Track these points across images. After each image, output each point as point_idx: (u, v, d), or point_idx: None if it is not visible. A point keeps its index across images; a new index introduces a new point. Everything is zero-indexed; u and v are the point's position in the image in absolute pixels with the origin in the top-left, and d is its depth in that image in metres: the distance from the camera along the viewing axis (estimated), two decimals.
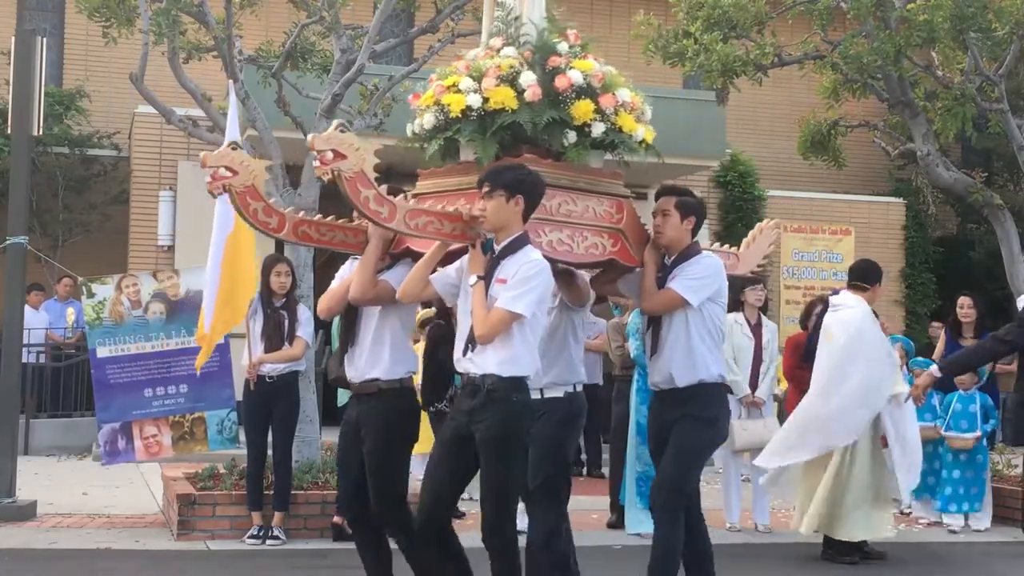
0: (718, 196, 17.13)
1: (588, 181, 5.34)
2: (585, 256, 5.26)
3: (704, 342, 5.42)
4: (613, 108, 5.25)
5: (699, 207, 5.70)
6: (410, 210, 4.88)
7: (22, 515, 8.53)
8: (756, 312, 8.92)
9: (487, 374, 4.82)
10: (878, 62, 11.83)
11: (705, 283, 5.42)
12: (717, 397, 5.53)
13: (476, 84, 5.13)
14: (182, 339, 8.50)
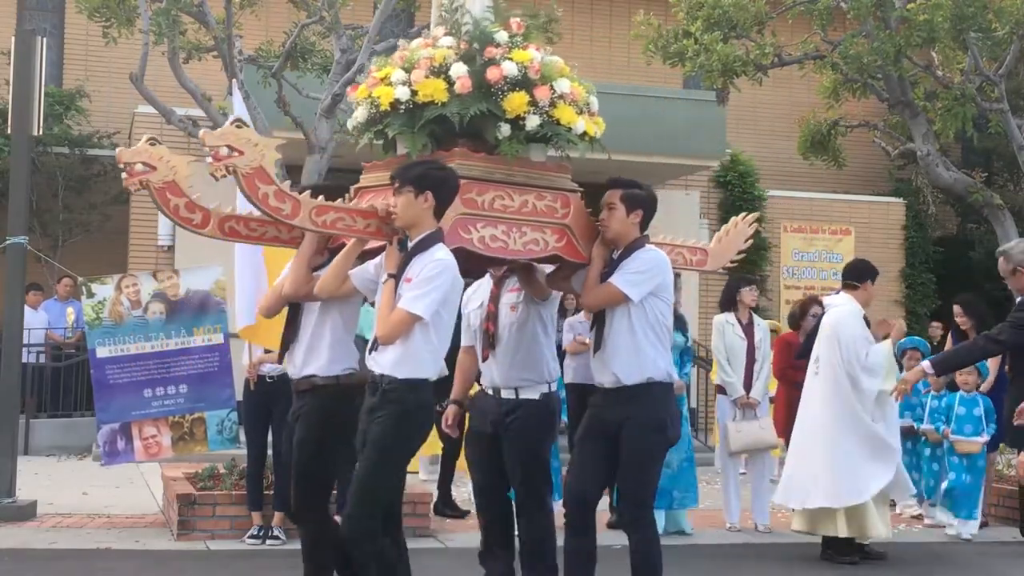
0: (718, 196, 17.12)
1: (527, 175, 5.18)
2: (523, 252, 5.13)
3: (648, 339, 5.24)
4: (549, 100, 5.07)
5: (646, 200, 5.53)
6: (317, 206, 4.76)
7: (22, 515, 8.52)
8: (748, 311, 8.94)
9: (384, 374, 4.75)
10: (878, 62, 11.85)
11: (646, 277, 5.25)
12: (664, 396, 5.30)
13: (407, 76, 5.03)
14: (182, 339, 8.49)
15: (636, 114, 14.80)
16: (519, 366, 5.47)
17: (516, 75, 4.99)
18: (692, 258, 5.83)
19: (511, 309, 5.55)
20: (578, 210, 5.34)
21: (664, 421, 5.26)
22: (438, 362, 4.83)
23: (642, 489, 5.26)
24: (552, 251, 5.21)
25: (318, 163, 9.38)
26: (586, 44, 18.04)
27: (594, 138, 5.39)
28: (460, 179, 4.91)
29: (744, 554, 8.04)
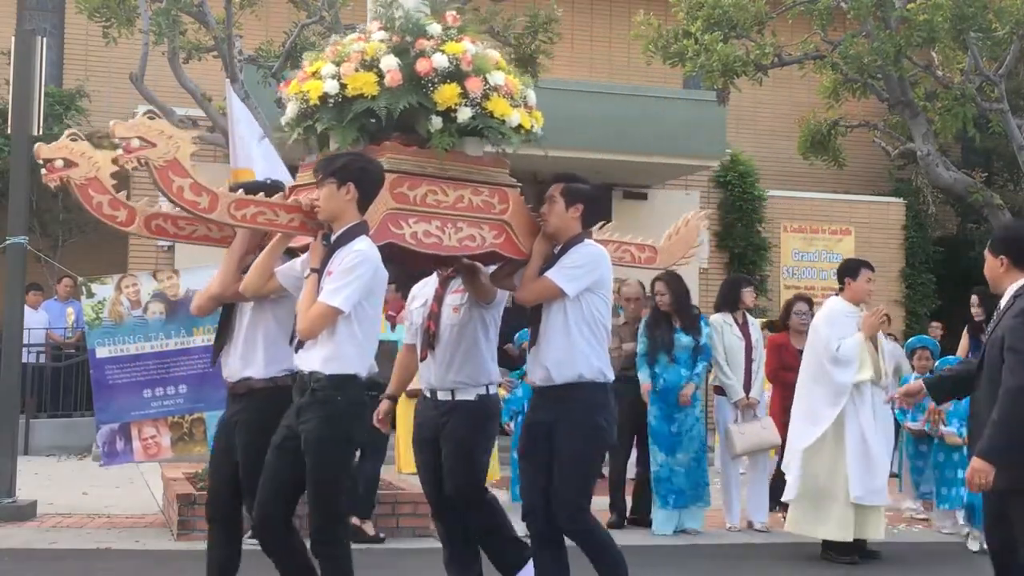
0: (718, 196, 17.12)
1: (462, 170, 5.07)
2: (459, 248, 5.02)
3: (584, 335, 5.09)
4: (482, 92, 4.93)
5: (587, 194, 5.30)
6: (236, 200, 4.64)
7: (22, 515, 8.52)
8: (742, 312, 8.94)
9: (313, 371, 4.61)
10: (878, 62, 11.85)
11: (583, 272, 5.10)
12: (597, 396, 5.12)
13: (337, 70, 4.94)
14: (181, 339, 8.49)
15: (636, 114, 14.81)
16: (456, 368, 5.38)
17: (447, 67, 4.89)
18: (640, 255, 5.68)
19: (453, 310, 5.47)
20: (517, 205, 5.22)
21: (598, 422, 5.10)
22: (366, 357, 4.69)
23: (577, 493, 5.08)
24: (490, 247, 5.09)
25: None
26: (586, 44, 18.04)
27: (531, 131, 5.20)
28: (391, 173, 4.81)
29: (744, 554, 8.04)
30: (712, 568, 7.64)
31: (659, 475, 8.52)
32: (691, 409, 8.50)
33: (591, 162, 15.00)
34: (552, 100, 14.21)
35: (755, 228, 16.99)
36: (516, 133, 5.10)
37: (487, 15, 10.77)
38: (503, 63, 5.17)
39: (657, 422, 8.54)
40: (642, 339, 8.60)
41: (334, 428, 4.58)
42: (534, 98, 5.26)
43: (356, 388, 4.64)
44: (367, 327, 4.66)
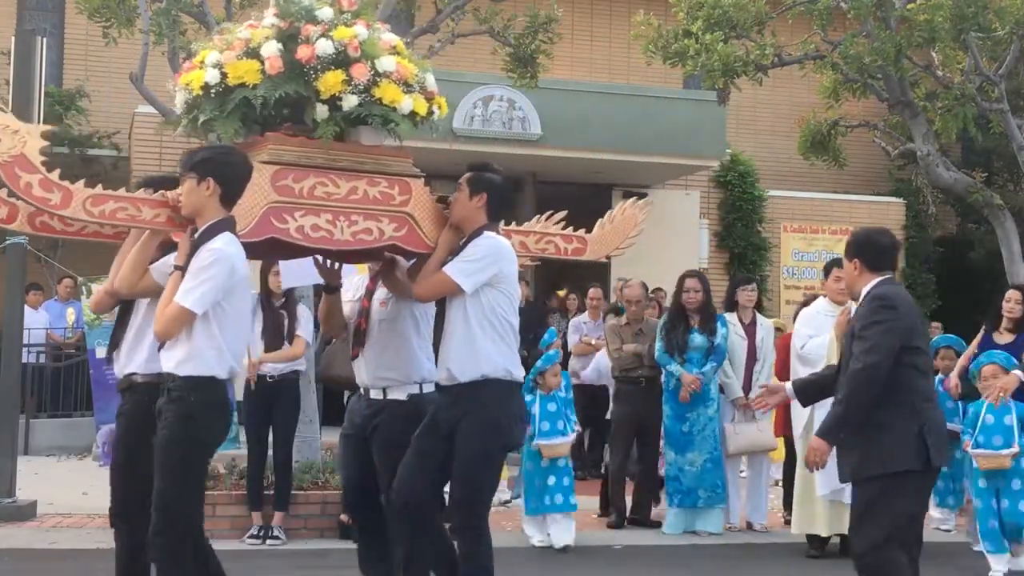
0: (718, 196, 17.13)
1: (356, 160, 4.87)
2: (353, 242, 4.83)
3: (485, 332, 4.90)
4: (368, 78, 4.74)
5: (493, 184, 5.10)
6: (93, 196, 4.44)
7: (22, 515, 8.53)
8: (751, 311, 8.91)
9: (169, 372, 4.51)
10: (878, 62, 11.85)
11: (481, 266, 4.89)
12: (502, 396, 4.94)
13: (219, 58, 4.76)
14: None
15: (636, 114, 14.81)
16: (387, 365, 5.23)
17: (331, 53, 4.71)
18: (567, 247, 5.43)
19: (381, 304, 5.29)
20: (421, 197, 4.99)
21: (500, 422, 4.93)
22: (227, 359, 4.53)
23: (474, 495, 4.94)
24: (390, 241, 4.89)
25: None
26: (586, 44, 18.04)
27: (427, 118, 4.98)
28: (273, 165, 4.65)
29: (744, 554, 8.04)
30: (712, 568, 7.64)
31: (669, 474, 8.54)
32: (704, 409, 8.49)
33: (591, 162, 15.02)
34: (552, 100, 14.37)
35: (755, 228, 16.99)
36: (408, 120, 4.89)
37: (487, 15, 10.77)
38: (401, 47, 4.99)
39: (670, 421, 8.55)
40: (660, 339, 8.60)
41: (186, 430, 4.44)
42: (433, 82, 5.04)
43: (212, 390, 4.50)
44: (228, 326, 4.52)
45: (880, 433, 4.75)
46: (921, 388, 4.82)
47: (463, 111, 14.05)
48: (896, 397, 4.75)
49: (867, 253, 5.02)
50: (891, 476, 4.70)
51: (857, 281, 5.02)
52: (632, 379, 8.91)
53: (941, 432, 4.84)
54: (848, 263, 5.08)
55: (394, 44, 4.95)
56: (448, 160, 14.53)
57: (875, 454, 4.74)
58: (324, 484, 8.25)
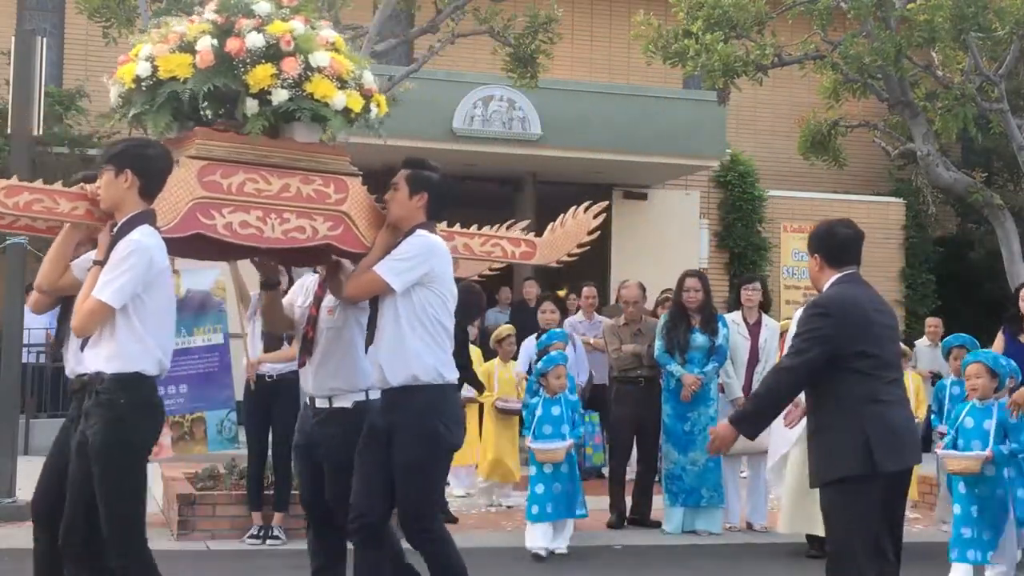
0: (718, 196, 17.13)
1: (289, 157, 4.76)
2: (284, 240, 4.70)
3: (417, 333, 4.76)
4: (299, 72, 4.64)
5: (433, 183, 4.96)
6: (8, 187, 4.35)
7: (22, 515, 8.52)
8: (756, 311, 8.89)
9: (98, 371, 4.37)
10: (878, 62, 11.85)
11: (411, 265, 4.74)
12: (435, 400, 4.80)
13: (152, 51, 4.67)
14: (182, 339, 8.49)
15: (636, 114, 14.81)
16: (332, 374, 5.08)
17: (261, 47, 4.61)
18: (515, 250, 5.29)
19: (328, 312, 5.14)
20: (358, 196, 4.89)
21: (435, 427, 4.79)
22: (153, 353, 4.42)
23: (419, 501, 4.82)
24: (324, 240, 4.77)
25: None
26: (586, 44, 18.04)
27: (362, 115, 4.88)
28: (200, 160, 4.56)
29: (743, 554, 8.04)
30: (712, 567, 7.64)
31: (670, 473, 8.55)
32: (705, 408, 8.49)
33: (591, 162, 15.01)
34: (552, 100, 14.36)
35: (755, 228, 16.99)
36: (342, 116, 4.78)
37: (487, 15, 10.77)
38: (341, 44, 4.89)
39: (671, 421, 8.55)
40: (660, 338, 8.59)
41: (116, 434, 4.32)
42: (371, 79, 4.95)
43: (140, 388, 4.40)
44: (151, 321, 4.41)
45: (828, 440, 4.71)
46: (866, 391, 4.65)
47: (463, 111, 14.05)
48: (839, 403, 4.68)
49: (827, 247, 4.94)
50: (837, 483, 4.64)
51: (819, 277, 4.94)
52: (631, 379, 8.91)
53: (897, 432, 4.65)
54: (810, 258, 5.01)
55: (332, 40, 4.86)
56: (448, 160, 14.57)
57: (824, 461, 4.71)
58: None
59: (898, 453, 4.64)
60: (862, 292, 4.87)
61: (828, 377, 4.69)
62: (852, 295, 4.82)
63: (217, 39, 4.64)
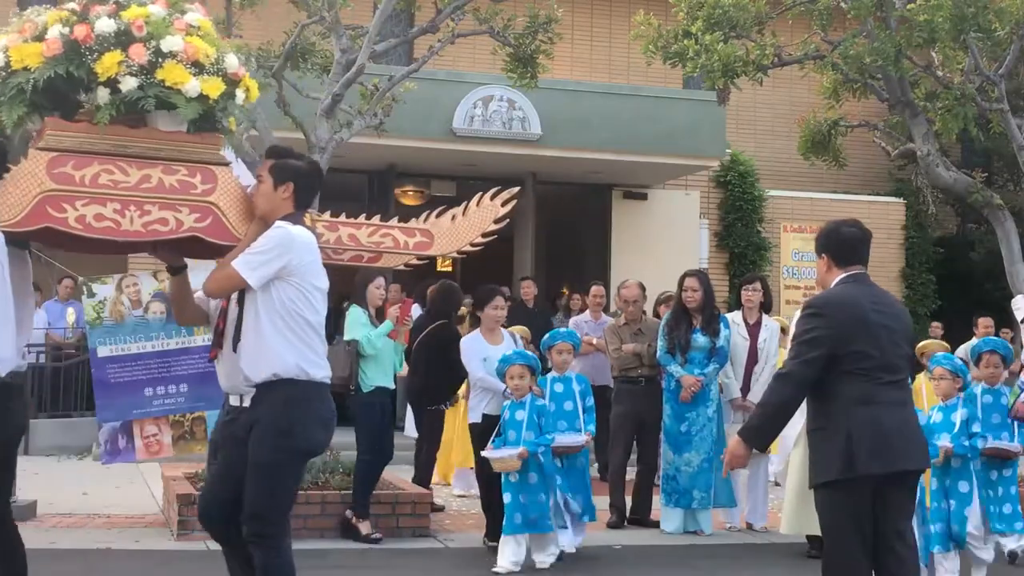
0: (718, 196, 17.13)
1: (149, 147, 4.60)
2: (145, 233, 4.54)
3: (277, 329, 4.61)
4: (148, 59, 4.50)
5: (299, 172, 4.79)
6: None
7: (22, 515, 8.51)
8: (756, 311, 8.88)
9: None
10: (878, 62, 11.83)
11: (267, 259, 4.57)
12: (296, 397, 4.64)
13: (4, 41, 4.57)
14: (182, 339, 8.51)
15: (636, 114, 14.82)
16: None
17: (110, 33, 4.49)
18: (408, 240, 5.07)
19: (236, 305, 4.92)
20: (228, 186, 4.72)
21: (290, 425, 4.61)
22: None
23: (264, 502, 4.62)
24: (190, 232, 4.60)
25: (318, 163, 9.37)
26: (586, 44, 18.04)
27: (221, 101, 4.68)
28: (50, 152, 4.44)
29: (744, 554, 8.04)
30: (711, 567, 7.64)
31: (667, 473, 8.56)
32: (704, 409, 8.49)
33: (591, 162, 15.01)
34: (552, 100, 14.36)
35: (755, 228, 16.99)
36: (197, 103, 4.59)
37: (487, 15, 10.76)
38: (207, 27, 4.76)
39: (669, 421, 8.56)
40: (661, 339, 8.59)
41: None
42: (235, 63, 4.77)
43: None
44: None
45: (817, 441, 4.73)
46: (857, 393, 4.62)
47: (463, 111, 14.05)
48: (830, 405, 4.67)
49: (835, 247, 4.97)
50: (822, 486, 4.65)
51: (827, 278, 4.94)
52: (631, 379, 8.92)
53: (886, 434, 4.59)
54: (818, 259, 5.02)
55: (196, 24, 4.71)
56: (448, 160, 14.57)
57: (814, 464, 4.73)
58: (324, 484, 8.25)
59: (885, 456, 4.58)
60: (864, 292, 4.84)
61: (823, 378, 4.68)
62: (848, 294, 4.81)
63: (71, 27, 4.50)
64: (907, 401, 4.84)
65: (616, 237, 16.34)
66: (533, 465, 7.20)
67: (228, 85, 4.70)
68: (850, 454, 4.54)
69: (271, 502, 4.64)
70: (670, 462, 8.52)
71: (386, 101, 10.17)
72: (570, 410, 7.67)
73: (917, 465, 4.77)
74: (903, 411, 4.75)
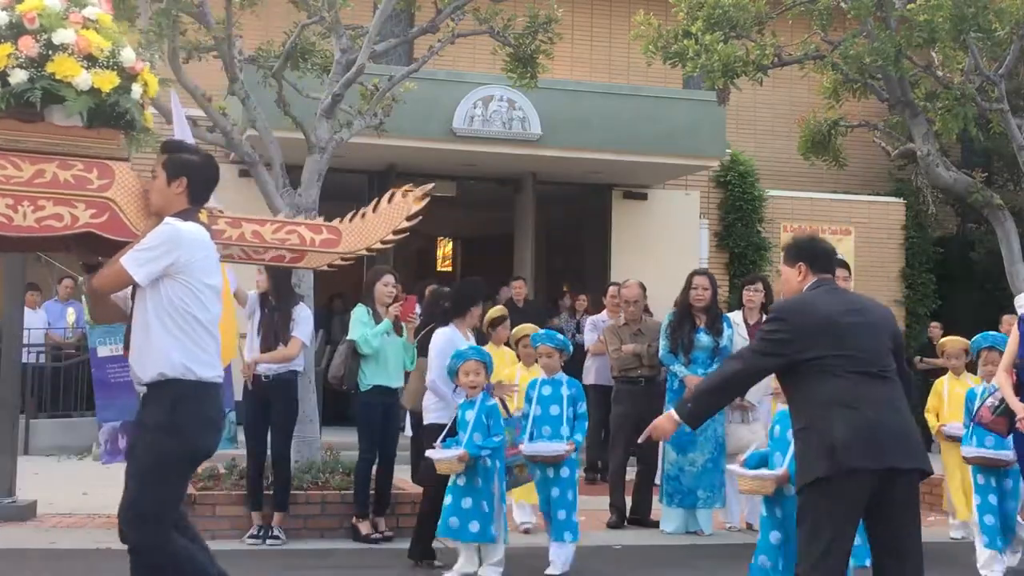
0: (718, 196, 17.13)
1: (44, 141, 4.55)
2: (38, 229, 4.48)
3: (166, 327, 4.53)
4: (38, 51, 4.48)
5: (192, 166, 4.74)
6: None
7: (22, 515, 8.52)
8: (758, 312, 8.88)
9: None
10: (878, 62, 11.84)
11: (154, 255, 4.49)
12: (184, 398, 4.54)
13: None
14: None
15: (636, 114, 14.81)
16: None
17: (1, 25, 4.49)
18: (315, 237, 5.00)
19: None
20: (126, 181, 4.66)
21: (175, 426, 4.51)
22: None
23: (145, 502, 4.51)
24: (86, 227, 4.55)
25: (318, 163, 9.38)
26: (586, 44, 18.04)
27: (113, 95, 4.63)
28: None
29: (744, 554, 8.00)
30: (711, 567, 7.64)
31: (668, 474, 8.55)
32: None
33: (591, 162, 15.01)
34: (552, 100, 14.36)
35: (755, 228, 16.98)
36: (89, 96, 4.56)
37: (487, 15, 10.76)
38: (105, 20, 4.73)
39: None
40: (664, 339, 8.58)
41: None
42: (131, 57, 4.73)
43: None
44: None
45: (799, 443, 4.72)
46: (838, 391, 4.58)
47: (463, 111, 14.04)
48: (809, 406, 4.66)
49: (813, 255, 4.98)
50: (809, 486, 4.58)
51: (799, 284, 4.95)
52: (631, 379, 8.92)
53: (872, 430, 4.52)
54: (791, 269, 4.99)
55: (94, 17, 4.69)
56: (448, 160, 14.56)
57: (798, 468, 4.70)
58: (324, 484, 8.26)
59: (872, 452, 4.50)
60: (835, 298, 4.88)
61: (801, 379, 4.68)
62: (811, 300, 4.84)
63: None
64: (896, 398, 4.70)
65: (616, 237, 16.34)
66: (480, 469, 6.77)
67: (124, 79, 4.68)
68: (835, 450, 4.49)
69: (156, 503, 4.54)
70: (672, 462, 8.52)
71: (386, 101, 10.17)
72: (556, 415, 7.30)
73: (911, 464, 4.61)
74: (891, 408, 4.66)
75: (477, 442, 6.76)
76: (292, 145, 10.13)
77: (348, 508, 8.03)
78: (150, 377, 4.58)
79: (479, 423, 6.81)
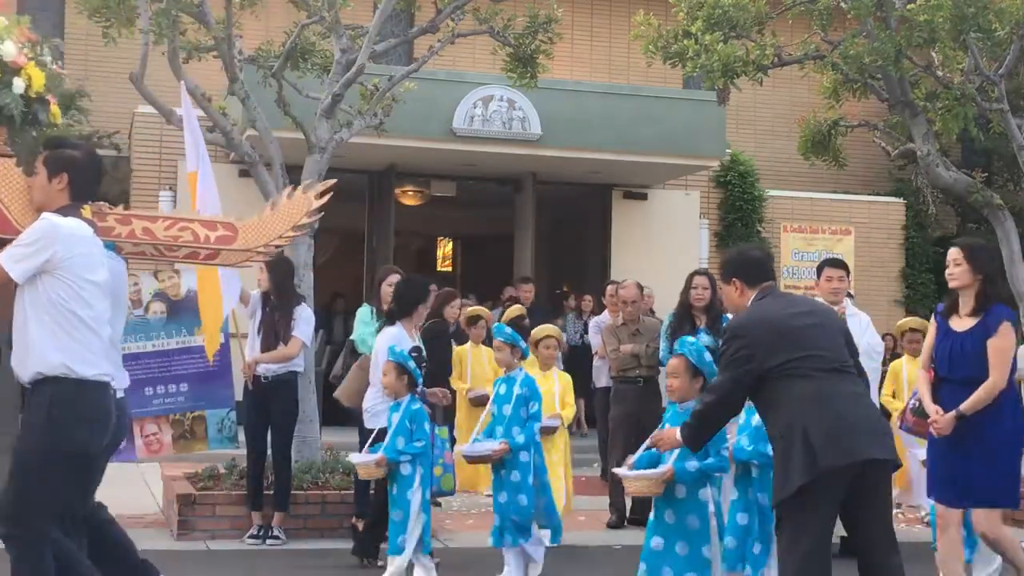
0: (718, 196, 17.13)
1: None
2: None
3: (44, 325, 4.42)
4: None
5: (74, 162, 4.65)
6: None
7: None
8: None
9: None
10: (878, 62, 11.83)
11: (30, 251, 4.41)
12: (63, 396, 4.44)
13: None
14: (183, 338, 8.50)
15: (636, 114, 14.81)
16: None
17: None
18: (209, 234, 4.88)
19: None
20: (9, 178, 4.62)
21: (52, 425, 4.42)
22: None
23: (17, 500, 4.43)
24: None
25: (318, 163, 9.38)
26: (586, 44, 18.04)
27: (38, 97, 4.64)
28: None
29: None
30: None
31: None
32: None
33: (591, 162, 15.01)
34: (552, 100, 14.36)
35: (755, 228, 16.99)
36: None
37: (487, 15, 10.76)
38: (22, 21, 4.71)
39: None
40: (664, 339, 8.58)
41: None
42: (12, 52, 4.69)
43: None
44: None
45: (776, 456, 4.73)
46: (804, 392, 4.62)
47: (463, 111, 14.04)
48: (776, 414, 4.70)
49: (743, 270, 5.00)
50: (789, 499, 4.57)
51: (740, 301, 4.99)
52: (630, 379, 8.92)
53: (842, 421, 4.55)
54: (728, 286, 5.03)
55: None
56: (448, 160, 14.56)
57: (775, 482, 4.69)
58: (324, 484, 8.26)
59: (848, 447, 4.53)
60: (779, 303, 4.92)
61: (770, 388, 4.70)
62: (760, 311, 4.88)
63: None
64: (861, 392, 4.79)
65: (616, 237, 16.34)
66: (396, 476, 6.52)
67: (4, 74, 4.62)
68: (812, 450, 4.50)
69: (25, 501, 4.45)
70: None
71: (386, 101, 10.17)
72: (508, 415, 6.70)
73: (884, 455, 4.65)
74: (859, 402, 4.73)
75: (399, 447, 6.51)
76: (292, 145, 10.13)
77: (348, 508, 8.03)
78: (29, 376, 4.49)
79: (402, 427, 6.54)
